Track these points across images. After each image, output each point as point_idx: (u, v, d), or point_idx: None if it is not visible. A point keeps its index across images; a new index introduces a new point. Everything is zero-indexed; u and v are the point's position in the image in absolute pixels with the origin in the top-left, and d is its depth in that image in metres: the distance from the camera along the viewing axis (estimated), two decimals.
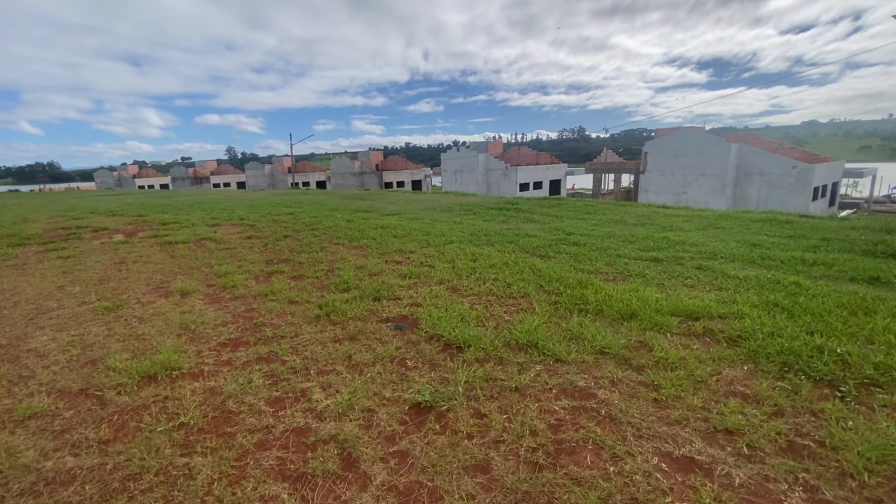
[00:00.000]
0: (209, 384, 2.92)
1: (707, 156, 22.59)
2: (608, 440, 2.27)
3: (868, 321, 3.65)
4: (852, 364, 2.97)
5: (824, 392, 2.72)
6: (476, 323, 3.93)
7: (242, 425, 2.46)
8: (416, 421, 2.47)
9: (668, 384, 2.80)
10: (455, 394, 2.69)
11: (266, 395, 2.78)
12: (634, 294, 4.44)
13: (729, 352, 3.25)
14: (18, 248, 8.66)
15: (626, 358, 3.19)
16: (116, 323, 4.16)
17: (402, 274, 5.73)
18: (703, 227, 8.79)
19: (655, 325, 3.76)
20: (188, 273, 6.25)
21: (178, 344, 3.60)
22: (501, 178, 32.26)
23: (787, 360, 3.06)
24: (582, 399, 2.68)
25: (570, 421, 2.45)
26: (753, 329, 3.54)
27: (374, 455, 2.17)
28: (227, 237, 9.61)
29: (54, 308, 4.73)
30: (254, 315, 4.32)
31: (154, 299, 4.98)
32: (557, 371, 3.04)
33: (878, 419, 2.42)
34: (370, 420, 2.48)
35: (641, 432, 2.34)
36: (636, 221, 9.92)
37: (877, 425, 2.36)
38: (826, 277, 5.03)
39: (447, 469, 2.06)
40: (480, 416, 2.50)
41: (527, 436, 2.30)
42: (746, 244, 6.88)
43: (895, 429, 2.30)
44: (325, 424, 2.44)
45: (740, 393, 2.73)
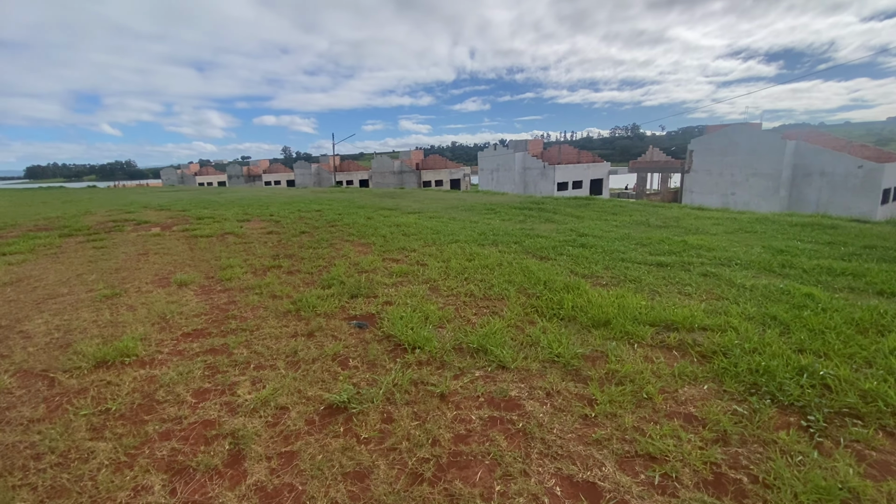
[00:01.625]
0: (152, 372, 3.02)
1: (759, 154, 20.72)
2: (509, 456, 2.10)
3: (875, 341, 3.19)
4: (834, 389, 2.60)
5: (787, 420, 2.39)
6: (437, 324, 3.82)
7: (159, 414, 2.52)
8: (322, 422, 2.42)
9: (605, 400, 2.57)
10: (374, 396, 2.61)
11: (197, 386, 2.83)
12: (617, 300, 4.14)
13: (694, 368, 2.94)
14: (65, 239, 9.49)
15: (576, 368, 2.97)
16: (107, 310, 4.43)
17: (392, 272, 5.71)
18: (731, 231, 8.11)
19: (626, 335, 3.49)
20: (196, 265, 6.56)
21: (146, 332, 3.77)
22: (539, 177, 31.49)
23: (758, 381, 2.72)
24: (505, 410, 2.52)
25: (480, 433, 2.30)
26: (733, 344, 3.19)
27: (262, 454, 2.15)
28: (249, 232, 10.03)
29: (64, 294, 5.11)
30: (230, 307, 4.45)
31: (152, 289, 5.26)
32: (496, 378, 2.88)
33: (838, 456, 2.08)
34: (279, 418, 2.46)
35: (550, 451, 2.15)
36: (661, 223, 9.33)
37: (832, 463, 2.03)
38: (849, 289, 4.46)
39: (326, 474, 2.00)
40: (389, 420, 2.41)
41: (425, 445, 2.19)
42: (772, 250, 6.26)
43: (851, 469, 1.97)
44: (233, 419, 2.45)
45: (686, 415, 2.46)
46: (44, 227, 11.48)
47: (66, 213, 15.68)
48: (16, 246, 8.47)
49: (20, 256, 7.49)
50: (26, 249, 8.09)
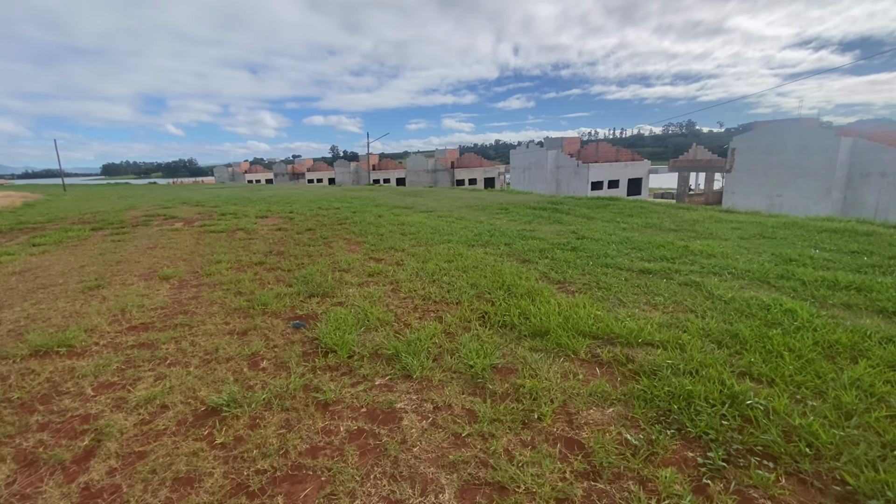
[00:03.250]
0: (75, 363, 3.15)
1: (809, 152, 18.70)
2: (347, 475, 1.98)
3: (840, 368, 2.78)
4: (757, 423, 2.27)
5: (684, 455, 2.11)
6: (372, 328, 3.73)
7: (51, 406, 2.61)
8: (192, 423, 2.41)
9: (488, 418, 2.38)
10: (255, 401, 2.57)
11: (104, 379, 2.91)
12: (569, 310, 3.88)
13: (611, 388, 2.68)
14: (94, 232, 10.23)
15: (481, 382, 2.78)
16: (81, 301, 4.70)
17: (366, 271, 5.68)
18: (748, 237, 7.43)
19: (558, 347, 3.25)
20: (190, 260, 6.84)
21: (98, 323, 3.94)
22: (572, 176, 30.41)
23: (672, 408, 2.43)
24: (380, 423, 2.39)
25: (337, 446, 2.20)
26: (666, 364, 2.88)
27: (112, 452, 2.16)
28: (260, 228, 10.37)
29: (57, 284, 5.48)
30: (190, 303, 4.58)
31: (135, 282, 5.53)
32: (393, 388, 2.76)
33: (717, 501, 1.80)
34: (154, 417, 2.47)
35: (396, 471, 2.01)
36: (675, 227, 8.73)
37: None
38: (844, 306, 3.93)
39: (157, 478, 1.97)
40: (253, 427, 2.35)
41: (272, 456, 2.11)
42: (779, 259, 5.66)
43: None
44: (111, 415, 2.48)
45: (570, 440, 2.23)
46: (85, 221, 12.45)
47: (115, 207, 16.96)
48: (48, 237, 9.23)
49: (45, 248, 8.14)
50: (54, 241, 8.80)
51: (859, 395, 2.48)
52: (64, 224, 11.87)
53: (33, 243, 8.56)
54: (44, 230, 10.77)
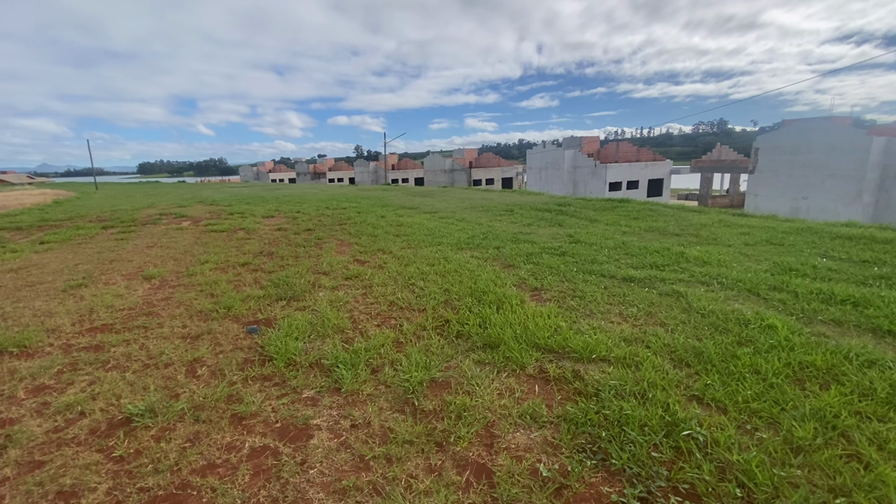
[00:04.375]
0: (20, 364, 3.17)
1: (838, 153, 17.51)
2: (229, 498, 1.88)
3: (807, 395, 2.51)
4: (691, 456, 2.05)
5: (598, 490, 1.92)
6: (324, 336, 3.64)
7: None
8: (103, 433, 2.36)
9: (402, 440, 2.24)
10: (171, 411, 2.50)
11: (41, 382, 2.91)
12: (532, 319, 3.69)
13: (544, 409, 2.50)
14: (103, 230, 10.54)
15: (411, 398, 2.64)
16: (57, 300, 4.78)
17: (345, 275, 5.61)
18: (753, 243, 7.01)
19: (506, 360, 3.08)
20: (180, 259, 6.93)
21: (60, 323, 3.99)
22: (589, 176, 29.64)
23: (602, 435, 2.23)
24: (289, 441, 2.28)
25: (234, 465, 2.10)
26: (614, 383, 2.67)
27: (13, 460, 2.12)
28: (261, 228, 10.47)
29: (45, 282, 5.62)
30: (158, 304, 4.60)
31: (118, 281, 5.61)
32: (318, 401, 2.65)
33: None
34: (69, 424, 2.44)
35: (281, 495, 1.90)
36: (678, 231, 8.34)
37: None
38: (835, 323, 3.60)
39: (42, 490, 1.92)
40: (158, 439, 2.28)
41: (163, 472, 2.03)
42: (779, 268, 5.28)
43: None
44: (30, 420, 2.46)
45: (479, 467, 2.06)
46: (100, 219, 12.88)
47: (134, 206, 17.52)
48: (58, 235, 9.56)
49: (51, 245, 8.42)
50: (62, 239, 9.09)
51: (819, 427, 2.22)
52: (80, 222, 12.30)
53: (41, 241, 8.87)
54: (60, 228, 11.19)
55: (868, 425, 2.24)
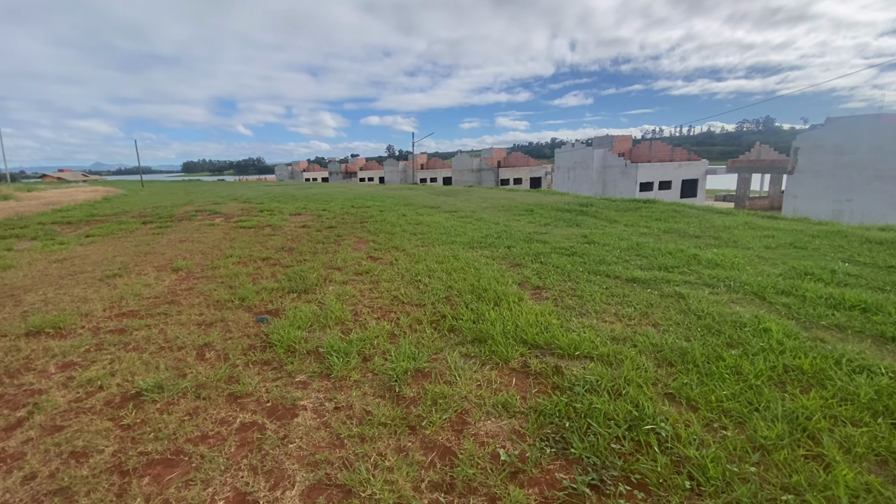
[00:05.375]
0: (54, 344, 3.53)
1: (886, 152, 16.30)
2: (214, 464, 2.09)
3: (785, 397, 2.51)
4: (649, 449, 2.11)
5: (552, 476, 2.01)
6: (325, 326, 3.85)
7: (16, 378, 2.96)
8: (117, 404, 2.63)
9: (378, 422, 2.40)
10: (176, 388, 2.76)
11: (70, 359, 3.25)
12: (525, 317, 3.78)
13: (518, 400, 2.60)
14: (143, 225, 11.27)
15: (394, 385, 2.80)
16: (93, 288, 5.23)
17: (356, 270, 5.85)
18: (775, 247, 6.78)
19: (491, 354, 3.19)
20: (207, 253, 7.36)
21: (93, 309, 4.38)
22: (619, 176, 28.92)
23: (566, 426, 2.32)
24: (276, 418, 2.49)
25: (223, 436, 2.32)
26: (589, 378, 2.74)
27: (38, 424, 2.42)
28: (287, 225, 10.92)
29: (86, 272, 6.13)
30: (181, 294, 4.95)
31: (149, 272, 6.06)
32: (308, 385, 2.85)
33: None
34: (89, 395, 2.73)
35: (260, 464, 2.09)
36: (698, 233, 8.14)
37: None
38: (839, 328, 3.50)
39: (58, 449, 2.19)
40: (163, 412, 2.53)
41: (162, 440, 2.27)
42: (794, 272, 5.12)
43: None
44: (56, 392, 2.78)
45: (444, 450, 2.19)
46: (142, 215, 13.74)
47: (174, 202, 18.55)
48: (102, 229, 10.30)
49: (94, 238, 9.11)
50: (105, 233, 9.81)
51: (787, 428, 2.23)
52: (123, 217, 13.18)
53: (87, 234, 9.60)
54: (105, 222, 12.04)
55: (841, 429, 2.22)
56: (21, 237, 9.53)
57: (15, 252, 7.68)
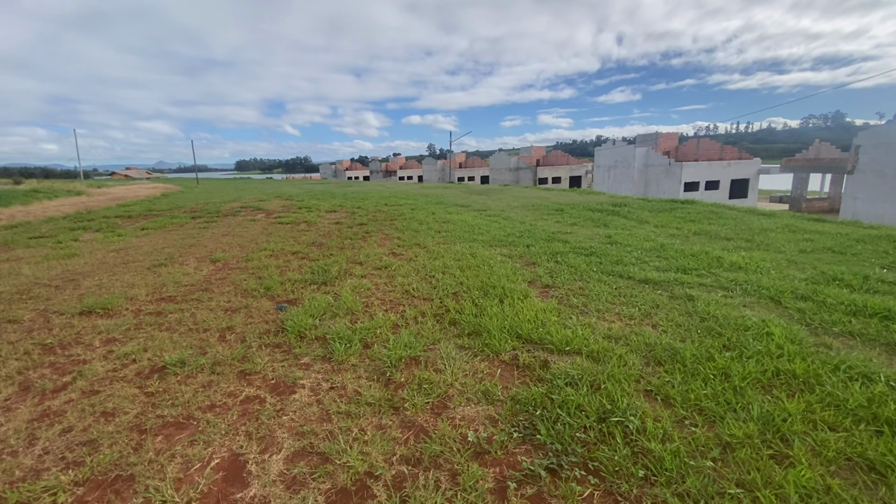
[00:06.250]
0: (101, 322, 4.01)
1: None
2: (216, 428, 2.38)
3: (767, 401, 2.50)
4: (612, 440, 2.19)
5: (514, 459, 2.14)
6: (336, 315, 4.12)
7: (67, 350, 3.42)
8: (145, 375, 3.00)
9: (366, 402, 2.61)
10: (196, 364, 3.10)
11: (112, 336, 3.70)
12: (524, 313, 3.89)
13: (499, 389, 2.73)
14: (192, 220, 12.17)
15: (387, 370, 3.00)
16: (141, 275, 5.80)
17: (377, 265, 6.12)
18: (811, 251, 6.44)
19: (484, 346, 3.34)
20: (244, 246, 7.91)
21: (138, 293, 4.90)
22: (662, 175, 27.72)
23: (537, 414, 2.43)
24: (277, 394, 2.76)
25: (230, 406, 2.60)
26: (571, 372, 2.83)
27: (79, 388, 2.82)
28: (321, 221, 11.44)
29: (137, 261, 6.78)
30: (215, 283, 5.41)
31: (190, 262, 6.62)
32: (311, 366, 3.11)
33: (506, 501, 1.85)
34: (123, 367, 3.12)
35: (256, 431, 2.36)
36: (730, 236, 7.83)
37: None
38: (851, 335, 3.36)
39: (92, 409, 2.56)
40: (182, 383, 2.87)
41: (178, 406, 2.59)
42: (822, 277, 4.88)
43: None
44: (97, 363, 3.19)
45: (419, 429, 2.37)
46: (193, 210, 14.79)
47: (223, 199, 19.78)
48: (156, 223, 11.24)
49: (149, 231, 9.97)
50: (158, 226, 10.71)
51: (759, 429, 2.23)
52: (176, 213, 14.26)
53: (142, 227, 10.52)
54: (159, 217, 13.09)
55: (817, 433, 2.20)
56: (87, 229, 10.59)
57: (80, 242, 8.59)
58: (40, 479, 2.02)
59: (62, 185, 28.81)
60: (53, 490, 1.96)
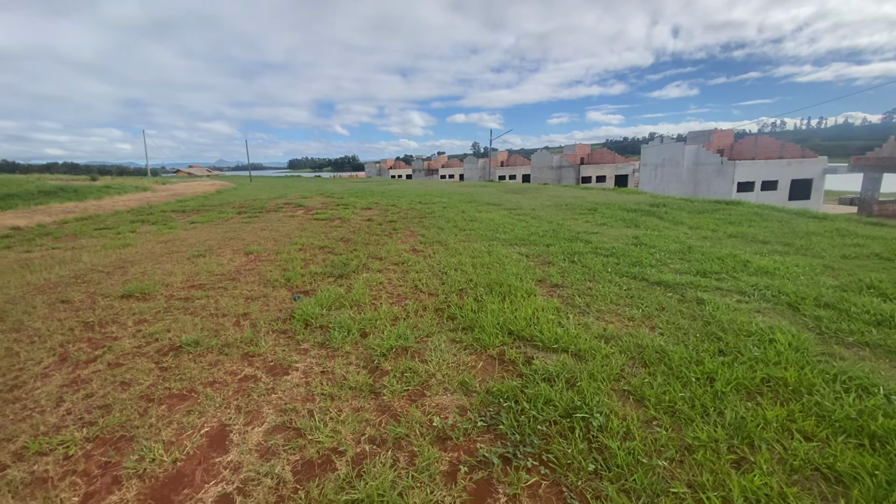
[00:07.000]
0: (137, 305, 4.46)
1: None
2: (213, 401, 2.63)
3: (751, 407, 2.44)
4: (571, 434, 2.24)
5: (473, 445, 2.23)
6: (343, 306, 4.34)
7: (104, 327, 3.85)
8: (164, 352, 3.34)
9: (349, 386, 2.79)
10: (207, 345, 3.41)
11: (144, 317, 4.11)
12: (521, 311, 3.94)
13: (477, 381, 2.82)
14: (237, 214, 12.98)
15: (377, 358, 3.16)
16: (181, 265, 6.34)
17: (394, 260, 6.34)
18: (853, 256, 5.97)
19: (474, 340, 3.43)
20: (278, 240, 8.39)
21: (174, 280, 5.37)
22: (713, 174, 26.09)
23: (504, 405, 2.51)
24: (272, 374, 2.99)
25: (227, 383, 2.86)
26: (548, 368, 2.87)
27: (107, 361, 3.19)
28: (354, 218, 11.86)
29: (180, 251, 7.39)
30: (244, 273, 5.82)
31: (226, 254, 7.13)
32: (308, 352, 3.33)
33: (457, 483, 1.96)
34: (147, 344, 3.48)
35: (245, 406, 2.59)
36: (767, 239, 7.38)
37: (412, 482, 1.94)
38: (864, 345, 3.15)
39: (113, 379, 2.90)
40: (192, 360, 3.17)
41: (184, 381, 2.89)
42: (855, 285, 4.55)
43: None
44: (127, 339, 3.58)
45: (393, 413, 2.51)
46: (240, 206, 15.75)
47: (270, 196, 20.89)
48: (204, 217, 12.11)
49: (196, 224, 10.76)
50: (206, 220, 11.53)
51: (726, 434, 2.19)
52: (225, 208, 15.25)
53: (192, 221, 11.37)
54: (209, 211, 14.07)
55: (789, 441, 2.14)
56: (145, 222, 11.59)
57: (136, 234, 9.44)
58: (59, 434, 2.36)
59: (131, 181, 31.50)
60: (67, 444, 2.27)
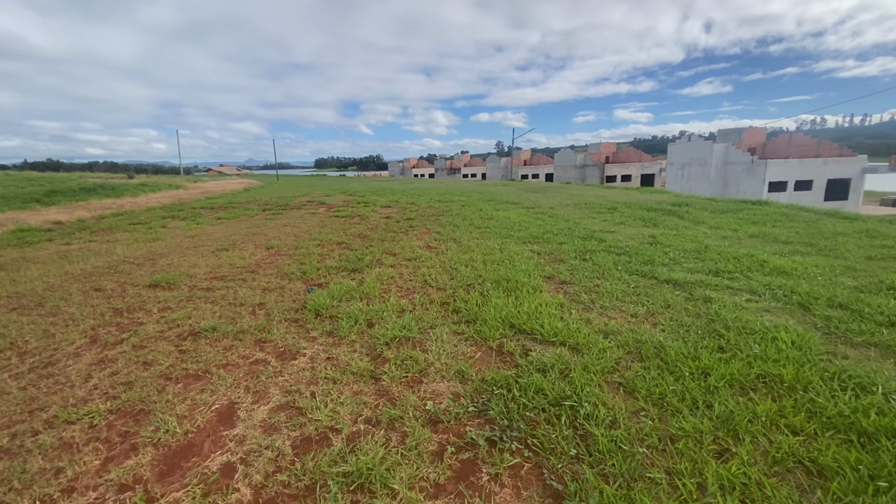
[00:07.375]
0: (162, 294, 4.75)
1: None
2: (224, 382, 2.82)
3: (742, 401, 2.46)
4: (557, 421, 2.31)
5: (462, 429, 2.34)
6: (353, 298, 4.51)
7: (132, 313, 4.13)
8: (184, 336, 3.57)
9: (351, 371, 2.93)
10: (224, 331, 3.63)
11: (167, 305, 4.38)
12: (525, 306, 4.01)
13: (473, 370, 2.92)
14: (262, 211, 13.43)
15: (380, 347, 3.30)
16: (205, 258, 6.66)
17: (408, 256, 6.49)
18: (878, 258, 5.75)
19: (475, 333, 3.53)
20: (298, 236, 8.68)
21: (197, 272, 5.67)
22: (743, 174, 25.15)
23: (496, 393, 2.60)
24: (281, 359, 3.17)
25: (238, 365, 3.05)
26: (543, 360, 2.94)
27: (132, 343, 3.44)
28: (372, 216, 12.09)
29: (205, 245, 7.75)
30: (263, 266, 6.08)
31: (248, 248, 7.43)
32: (316, 339, 3.50)
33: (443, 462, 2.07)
34: (169, 329, 3.73)
35: (253, 386, 2.76)
36: (789, 239, 7.18)
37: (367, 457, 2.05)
38: (873, 345, 3.08)
39: (137, 360, 3.13)
40: (209, 345, 3.39)
41: (199, 363, 3.09)
42: (875, 286, 4.41)
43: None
44: (151, 324, 3.83)
45: (390, 398, 2.63)
46: (265, 203, 16.26)
47: (295, 194, 21.44)
48: (231, 213, 12.58)
49: (222, 220, 11.21)
50: (232, 216, 11.99)
51: (712, 426, 2.22)
52: (251, 205, 15.77)
53: (219, 217, 11.85)
54: (236, 208, 14.60)
55: (774, 435, 2.15)
56: (176, 217, 12.14)
57: (166, 229, 9.92)
58: (86, 406, 2.59)
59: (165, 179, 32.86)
60: (93, 414, 2.50)
